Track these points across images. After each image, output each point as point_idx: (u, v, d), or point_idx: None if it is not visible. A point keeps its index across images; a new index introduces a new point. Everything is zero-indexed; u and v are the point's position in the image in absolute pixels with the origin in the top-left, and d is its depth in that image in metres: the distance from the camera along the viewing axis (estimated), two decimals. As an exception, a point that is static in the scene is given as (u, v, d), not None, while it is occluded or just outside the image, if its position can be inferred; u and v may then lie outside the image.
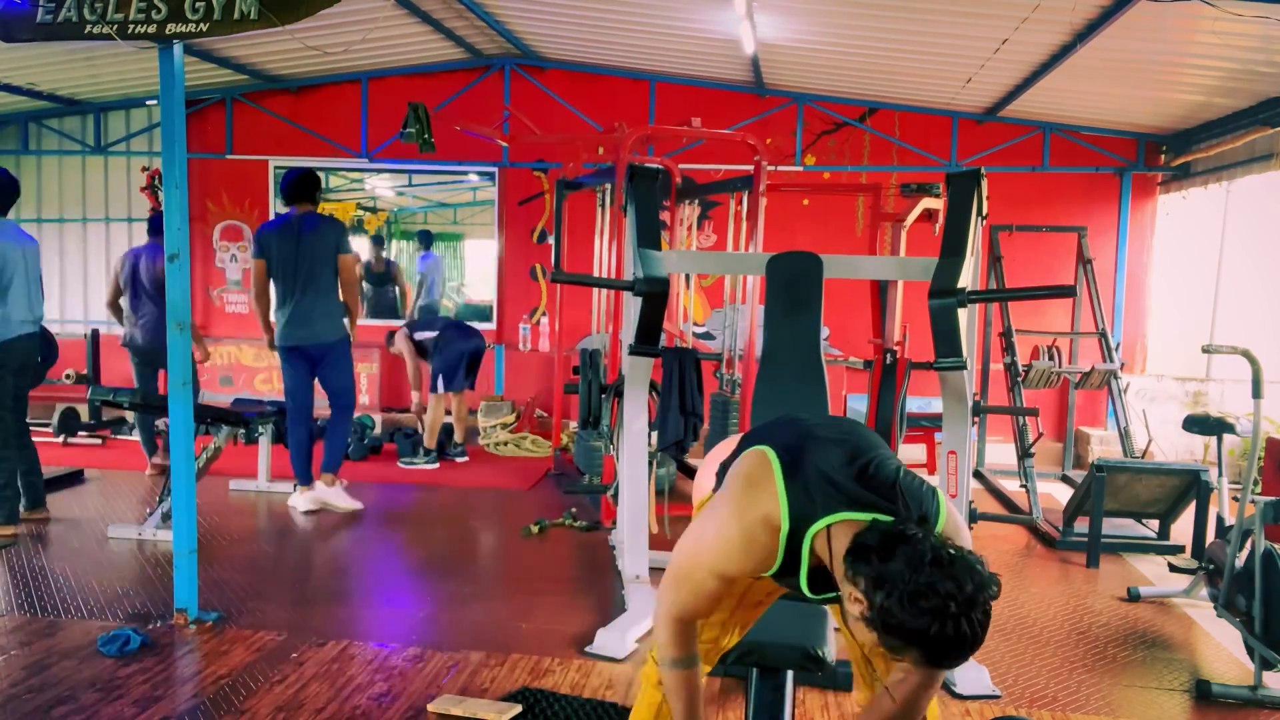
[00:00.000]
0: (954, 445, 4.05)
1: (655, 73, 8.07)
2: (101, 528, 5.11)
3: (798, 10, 5.92)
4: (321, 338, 5.46)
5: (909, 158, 7.96)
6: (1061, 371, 6.41)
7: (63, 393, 7.84)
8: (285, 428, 5.73)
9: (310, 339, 5.44)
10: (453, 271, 8.99)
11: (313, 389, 5.64)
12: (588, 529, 5.36)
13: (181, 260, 3.68)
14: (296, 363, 5.50)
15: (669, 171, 6.26)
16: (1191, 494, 4.94)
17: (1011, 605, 4.31)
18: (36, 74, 7.81)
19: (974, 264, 4.24)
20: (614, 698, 3.20)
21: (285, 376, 5.56)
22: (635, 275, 3.82)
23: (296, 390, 5.55)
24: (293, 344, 5.45)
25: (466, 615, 4.00)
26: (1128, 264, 7.80)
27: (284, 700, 3.13)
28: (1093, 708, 3.27)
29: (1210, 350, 4.14)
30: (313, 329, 5.43)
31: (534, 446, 7.63)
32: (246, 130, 8.74)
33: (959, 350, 3.58)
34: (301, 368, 5.52)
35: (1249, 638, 3.38)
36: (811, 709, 3.17)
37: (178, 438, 3.76)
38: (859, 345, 7.53)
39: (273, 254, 5.40)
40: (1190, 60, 5.73)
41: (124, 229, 9.02)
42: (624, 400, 4.28)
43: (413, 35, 7.37)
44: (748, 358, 5.95)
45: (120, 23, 3.54)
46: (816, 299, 3.38)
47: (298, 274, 5.37)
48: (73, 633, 3.66)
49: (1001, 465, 7.08)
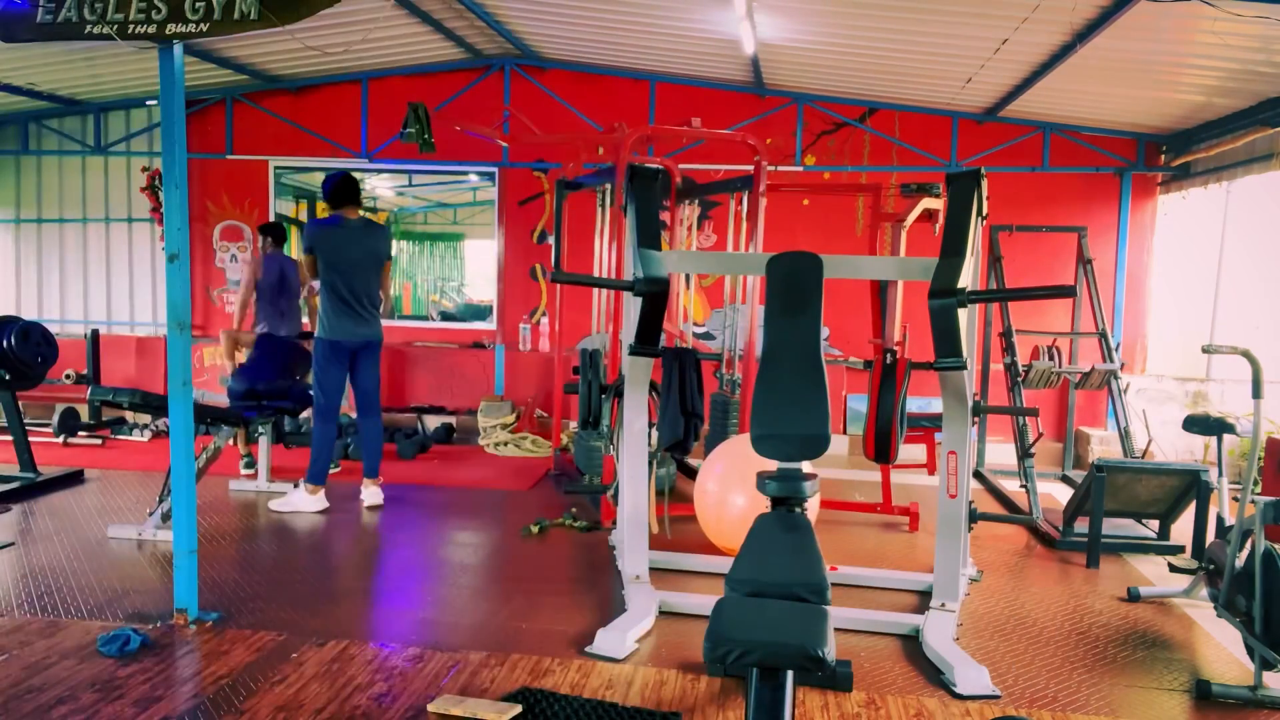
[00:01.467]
0: (954, 445, 4.06)
1: (655, 73, 8.07)
2: (101, 528, 5.11)
3: (798, 10, 5.92)
4: (378, 334, 5.72)
5: (909, 158, 7.96)
6: (1061, 371, 6.41)
7: (63, 393, 7.85)
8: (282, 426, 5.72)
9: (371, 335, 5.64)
10: (453, 271, 8.98)
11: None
12: (588, 529, 5.36)
13: (181, 260, 3.68)
14: (344, 360, 5.60)
15: (669, 171, 6.26)
16: (1191, 494, 4.94)
17: (1011, 605, 4.31)
18: (36, 74, 7.81)
19: (974, 264, 4.25)
20: (614, 698, 3.20)
21: (330, 373, 5.57)
22: (635, 275, 3.82)
23: (338, 388, 5.63)
24: (347, 339, 5.54)
25: (466, 615, 4.00)
26: (1128, 264, 7.80)
27: (284, 700, 3.13)
28: (1093, 708, 3.27)
29: (1210, 350, 4.13)
30: (372, 327, 5.65)
31: (534, 446, 7.64)
32: (246, 130, 8.74)
33: (959, 350, 3.58)
34: (345, 365, 5.62)
35: (1249, 638, 3.38)
36: (811, 709, 3.17)
37: (178, 438, 3.76)
38: (859, 345, 7.54)
39: (330, 254, 5.46)
40: (1190, 60, 5.73)
41: (124, 229, 9.02)
42: (624, 400, 4.28)
43: (413, 35, 7.37)
44: (748, 358, 5.95)
45: (120, 23, 3.54)
46: (816, 299, 3.38)
47: (358, 275, 5.52)
48: (73, 633, 3.66)
49: (1001, 465, 7.08)
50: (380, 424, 5.86)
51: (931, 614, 3.94)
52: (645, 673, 3.41)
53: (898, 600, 4.31)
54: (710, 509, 4.78)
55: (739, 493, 4.59)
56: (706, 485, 4.81)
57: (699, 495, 4.87)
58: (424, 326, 8.81)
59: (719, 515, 4.73)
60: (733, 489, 4.64)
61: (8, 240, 9.22)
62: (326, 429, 5.61)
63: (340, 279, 5.49)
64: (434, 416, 8.26)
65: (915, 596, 4.35)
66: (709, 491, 4.78)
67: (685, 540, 5.03)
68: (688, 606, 4.03)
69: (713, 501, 4.76)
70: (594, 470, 5.85)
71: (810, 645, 2.38)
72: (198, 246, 8.77)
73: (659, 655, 3.58)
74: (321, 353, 5.56)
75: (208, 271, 8.91)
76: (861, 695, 3.28)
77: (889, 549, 5.19)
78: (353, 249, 5.53)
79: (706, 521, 4.85)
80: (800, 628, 2.47)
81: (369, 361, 5.71)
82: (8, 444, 6.35)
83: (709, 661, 2.79)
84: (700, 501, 4.86)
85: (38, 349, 6.27)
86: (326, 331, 5.53)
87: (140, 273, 9.06)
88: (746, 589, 2.74)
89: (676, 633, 3.81)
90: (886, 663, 3.58)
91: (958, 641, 3.72)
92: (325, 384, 5.58)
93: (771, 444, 3.16)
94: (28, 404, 7.37)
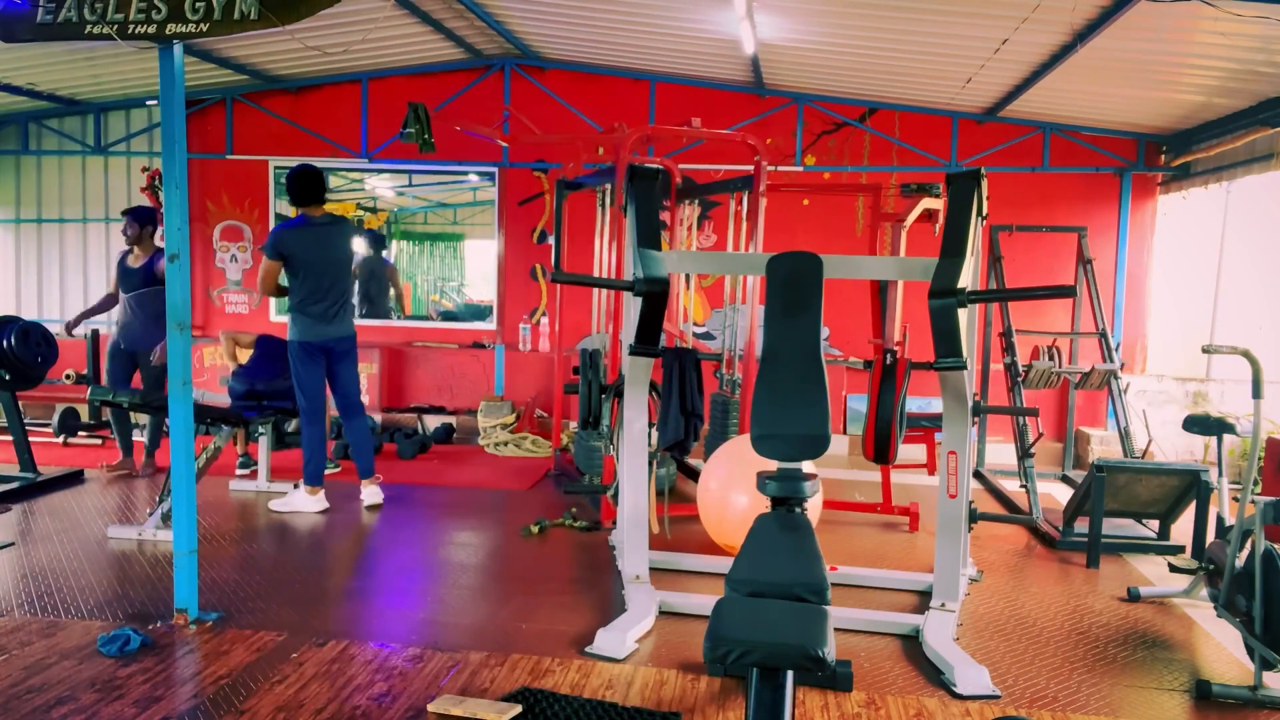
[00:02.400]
0: (954, 445, 4.06)
1: (655, 73, 8.07)
2: (101, 528, 5.11)
3: (798, 10, 5.92)
4: (350, 332, 5.68)
5: (909, 158, 7.96)
6: (1061, 372, 6.41)
7: (63, 393, 7.85)
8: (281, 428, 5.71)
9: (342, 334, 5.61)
10: (453, 271, 8.98)
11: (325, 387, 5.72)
12: (588, 529, 5.36)
13: (181, 260, 3.68)
14: (318, 360, 5.57)
15: (669, 171, 6.26)
16: (1191, 494, 4.94)
17: (1011, 605, 4.31)
18: (36, 74, 7.81)
19: (974, 264, 4.25)
20: (614, 698, 3.20)
21: (307, 374, 5.55)
22: (635, 275, 3.82)
23: (318, 388, 5.61)
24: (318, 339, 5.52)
25: (466, 615, 4.00)
26: (1128, 264, 7.80)
27: (284, 700, 3.13)
28: (1093, 708, 3.27)
29: (1210, 350, 4.13)
30: (343, 326, 5.61)
31: (534, 446, 7.64)
32: (246, 130, 8.74)
33: (959, 350, 3.58)
34: (321, 365, 5.59)
35: (1249, 638, 3.38)
36: (811, 709, 3.17)
37: (178, 438, 3.76)
38: (859, 345, 7.54)
39: (298, 256, 5.43)
40: (1190, 60, 5.73)
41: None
42: (624, 400, 4.28)
43: (413, 35, 7.37)
44: (748, 358, 5.95)
45: (120, 23, 3.54)
46: (816, 299, 3.38)
47: (326, 274, 5.49)
48: (73, 633, 3.66)
49: (1001, 465, 7.08)
50: (366, 424, 5.84)
51: (931, 614, 3.94)
52: (645, 673, 3.41)
53: (898, 600, 4.31)
54: (713, 507, 4.78)
55: (742, 492, 4.59)
56: (710, 484, 4.81)
57: (702, 494, 4.87)
58: (424, 326, 8.81)
59: (721, 517, 4.74)
60: (736, 489, 4.64)
61: (8, 240, 9.21)
62: (315, 430, 5.59)
63: (309, 280, 5.45)
64: (434, 416, 8.26)
65: (915, 596, 4.35)
66: (712, 490, 4.79)
67: (685, 540, 5.03)
68: (688, 606, 4.03)
69: (715, 500, 4.76)
70: (594, 470, 5.85)
71: (810, 645, 2.38)
72: (198, 247, 8.76)
73: (659, 655, 3.58)
74: (295, 354, 5.53)
75: (208, 272, 8.91)
76: (861, 695, 3.28)
77: (889, 549, 5.19)
78: (321, 249, 5.47)
79: (710, 521, 4.85)
80: (800, 628, 2.47)
81: (345, 362, 5.67)
82: (8, 444, 6.36)
83: (709, 661, 2.79)
84: (704, 500, 4.86)
85: (38, 349, 6.27)
86: (298, 333, 5.51)
87: (140, 273, 9.06)
88: (746, 589, 2.74)
89: (676, 633, 3.81)
90: (886, 663, 3.58)
91: (958, 641, 3.72)
92: (304, 385, 5.55)
93: (771, 444, 3.16)
94: (28, 404, 7.37)
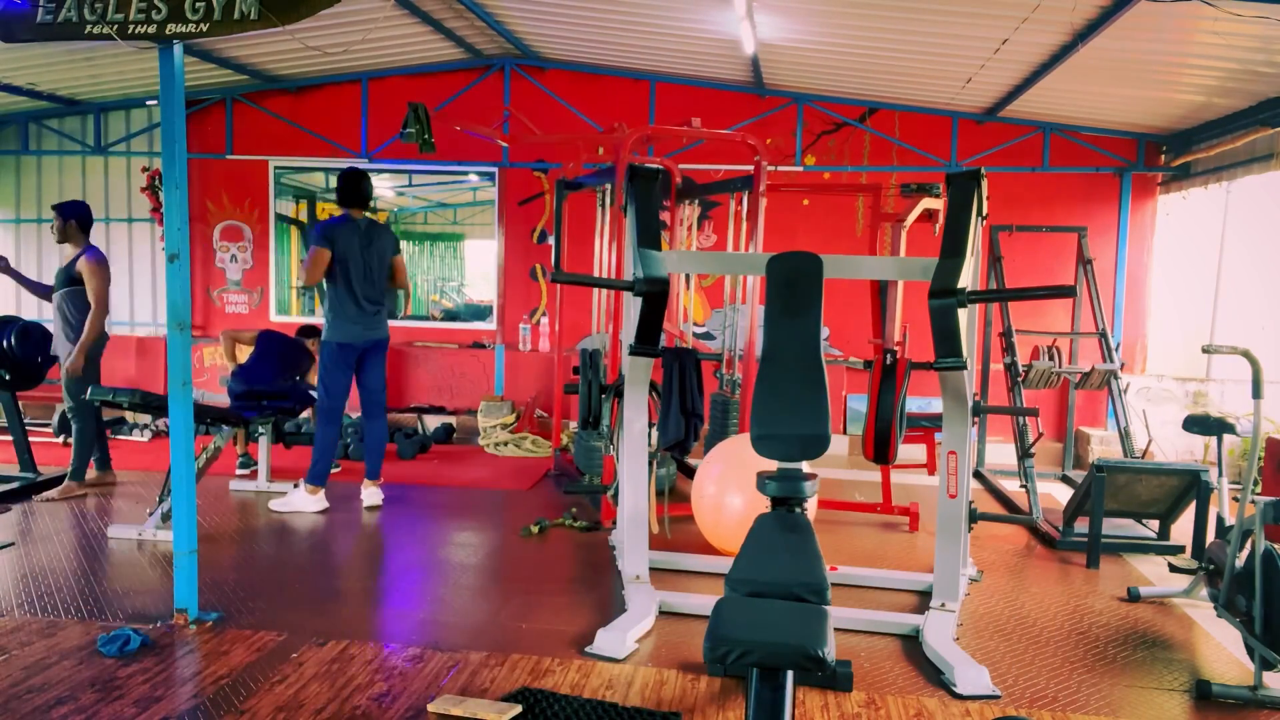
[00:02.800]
0: (954, 445, 4.06)
1: (655, 73, 8.07)
2: (101, 528, 5.11)
3: (798, 10, 5.92)
4: (385, 334, 5.75)
5: (909, 158, 7.96)
6: (1061, 371, 6.41)
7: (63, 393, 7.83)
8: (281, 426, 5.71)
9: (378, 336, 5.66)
10: (453, 271, 8.98)
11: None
12: (588, 529, 5.36)
13: (181, 260, 3.68)
14: (351, 362, 5.60)
15: (669, 171, 6.26)
16: (1191, 494, 4.94)
17: (1011, 605, 4.31)
18: (36, 74, 7.81)
19: (974, 264, 4.25)
20: (614, 698, 3.20)
21: (337, 375, 5.55)
22: (635, 275, 3.82)
23: (344, 390, 5.62)
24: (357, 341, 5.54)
25: (466, 615, 4.00)
26: (1128, 264, 7.80)
27: (284, 700, 3.13)
28: (1093, 708, 3.27)
29: (1210, 350, 4.13)
30: (379, 328, 5.66)
31: (534, 446, 7.63)
32: (246, 130, 8.74)
33: (959, 350, 3.58)
34: (352, 367, 5.62)
35: (1249, 638, 3.38)
36: (811, 709, 3.17)
37: (178, 438, 3.76)
38: (859, 345, 7.54)
39: (342, 253, 5.46)
40: (1190, 60, 5.73)
41: (124, 229, 9.02)
42: (624, 400, 4.28)
43: (413, 35, 7.37)
44: (748, 358, 5.95)
45: (120, 23, 3.54)
46: (816, 299, 3.38)
47: (367, 276, 5.54)
48: (73, 633, 3.66)
49: (1001, 465, 7.08)
50: (385, 426, 5.86)
51: (931, 614, 3.94)
52: (645, 673, 3.41)
53: (898, 600, 4.31)
54: (708, 511, 4.78)
55: (736, 493, 4.59)
56: (705, 488, 4.81)
57: (696, 497, 4.87)
58: (424, 326, 8.81)
59: (716, 520, 4.74)
60: (731, 489, 4.64)
61: (8, 240, 9.21)
62: (330, 431, 5.60)
63: (350, 280, 5.49)
64: (434, 416, 8.26)
65: (915, 596, 4.35)
66: (707, 494, 4.78)
67: (685, 540, 5.03)
68: (688, 606, 4.03)
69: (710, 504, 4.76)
70: (594, 470, 5.85)
71: (810, 645, 2.37)
72: (198, 247, 8.77)
73: (659, 655, 3.58)
74: (330, 355, 5.54)
75: (208, 272, 8.91)
76: (861, 695, 3.28)
77: (889, 549, 5.19)
78: (363, 250, 5.53)
79: (705, 523, 4.85)
80: (800, 628, 2.47)
81: (376, 362, 5.71)
82: (8, 444, 6.36)
83: (709, 661, 2.79)
84: (698, 504, 4.86)
85: (38, 349, 6.27)
86: (335, 334, 5.52)
87: (140, 273, 9.07)
88: (746, 589, 2.74)
89: (676, 633, 3.81)
90: (886, 663, 3.58)
91: (958, 641, 3.72)
92: (332, 386, 5.56)
93: (771, 444, 3.16)
94: (28, 404, 7.36)
